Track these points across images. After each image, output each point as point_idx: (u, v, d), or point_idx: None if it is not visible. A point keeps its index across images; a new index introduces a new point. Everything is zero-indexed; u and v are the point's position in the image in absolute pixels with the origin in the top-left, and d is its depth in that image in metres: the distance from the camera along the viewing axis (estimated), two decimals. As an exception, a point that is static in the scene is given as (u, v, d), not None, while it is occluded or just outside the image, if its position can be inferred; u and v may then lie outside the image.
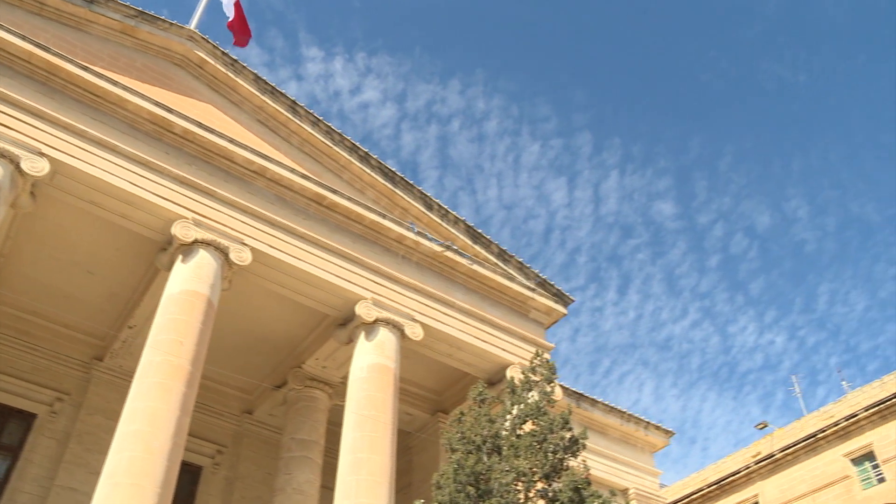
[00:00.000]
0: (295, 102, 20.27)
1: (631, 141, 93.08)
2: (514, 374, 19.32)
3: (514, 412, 14.97)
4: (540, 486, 13.88)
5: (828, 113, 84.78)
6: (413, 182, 21.41)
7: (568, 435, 14.53)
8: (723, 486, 36.97)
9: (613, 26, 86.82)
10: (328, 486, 18.37)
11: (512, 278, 22.01)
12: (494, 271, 21.67)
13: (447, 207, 21.76)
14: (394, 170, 21.26)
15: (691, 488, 38.77)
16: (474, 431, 14.28)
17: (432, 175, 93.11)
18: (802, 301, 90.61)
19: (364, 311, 18.86)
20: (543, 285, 22.72)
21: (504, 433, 14.51)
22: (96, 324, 20.25)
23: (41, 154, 15.58)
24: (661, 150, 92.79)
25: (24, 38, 16.09)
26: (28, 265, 18.86)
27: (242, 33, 22.26)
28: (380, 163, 21.09)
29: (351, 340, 19.42)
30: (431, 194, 21.67)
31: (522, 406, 14.95)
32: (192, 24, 19.69)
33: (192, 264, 16.76)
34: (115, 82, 16.99)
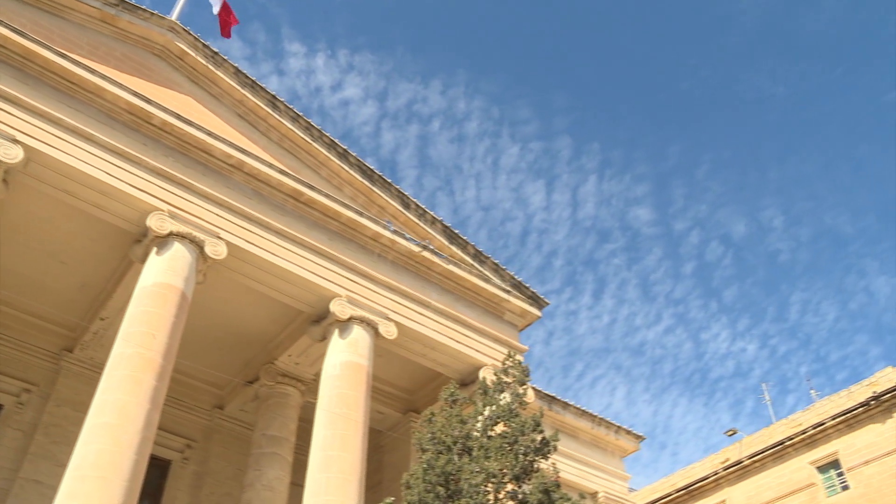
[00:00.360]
0: (275, 97, 20.19)
1: (610, 146, 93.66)
2: (486, 375, 19.36)
3: (486, 413, 15.00)
4: (510, 487, 13.91)
5: (805, 125, 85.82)
6: (391, 181, 21.45)
7: (539, 437, 14.57)
8: (691, 492, 37.32)
9: (596, 32, 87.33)
10: (298, 484, 18.30)
11: (487, 280, 22.06)
12: (470, 272, 21.72)
13: (424, 207, 21.79)
14: (372, 168, 21.25)
15: (660, 493, 39.10)
16: (445, 432, 14.29)
17: (411, 174, 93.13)
18: (775, 310, 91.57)
19: (338, 308, 18.83)
20: (518, 287, 22.80)
21: (475, 434, 14.53)
22: (67, 314, 20.03)
23: (15, 141, 15.38)
24: (640, 156, 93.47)
25: None
26: (-1, 253, 18.61)
27: (229, 23, 21.90)
28: (358, 160, 21.06)
29: (324, 338, 19.38)
30: (409, 193, 21.73)
31: (494, 407, 14.97)
32: (174, 15, 19.55)
33: (167, 257, 16.64)
34: (93, 71, 16.83)
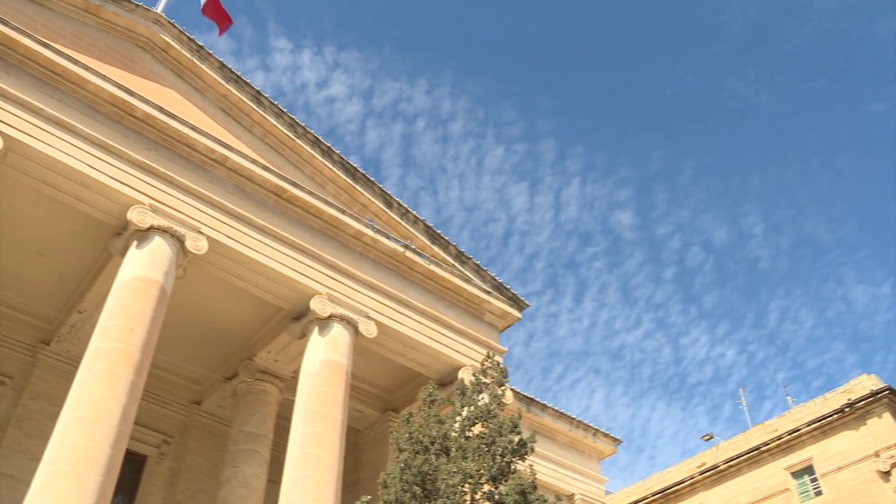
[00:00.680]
0: (260, 93, 20.10)
1: (594, 150, 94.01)
2: (465, 376, 19.39)
3: (464, 414, 15.03)
4: (487, 488, 13.95)
5: (787, 134, 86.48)
6: (374, 179, 21.41)
7: (516, 438, 14.61)
8: (667, 495, 37.54)
9: (583, 35, 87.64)
10: (275, 481, 18.24)
11: (468, 280, 22.08)
12: (451, 272, 21.72)
13: (407, 206, 21.77)
14: (355, 166, 21.21)
15: (636, 496, 39.30)
16: (423, 432, 14.30)
17: (395, 173, 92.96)
18: (754, 316, 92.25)
19: (319, 306, 18.79)
20: (499, 289, 22.83)
21: (453, 434, 14.55)
22: (44, 307, 19.85)
23: (-5, 130, 15.23)
24: (624, 161, 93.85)
25: (-17, 11, 15.74)
26: (-24, 243, 18.41)
27: (222, 20, 21.63)
28: (342, 158, 21.02)
29: (304, 335, 19.33)
30: (393, 193, 21.69)
31: (472, 408, 15.00)
32: (159, 8, 19.40)
33: (147, 251, 16.53)
34: (75, 61, 16.69)
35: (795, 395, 53.35)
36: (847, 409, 30.74)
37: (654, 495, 38.11)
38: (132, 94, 17.28)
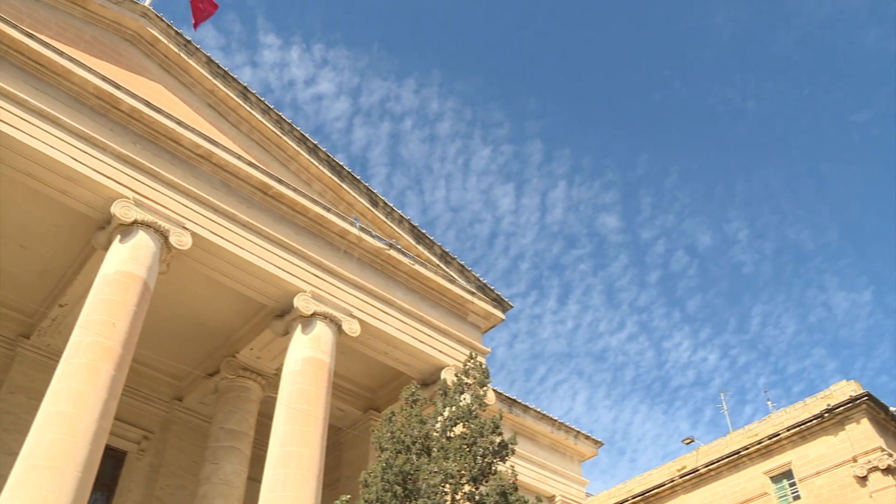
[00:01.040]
0: (247, 89, 20.02)
1: (581, 152, 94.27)
2: (447, 376, 19.39)
3: (446, 414, 15.03)
4: (467, 488, 13.96)
5: (772, 140, 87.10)
6: (360, 178, 21.38)
7: (498, 439, 14.62)
8: (647, 498, 37.63)
9: (572, 39, 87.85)
10: (255, 478, 18.20)
11: (452, 280, 22.09)
12: (436, 272, 21.73)
13: (392, 205, 21.75)
14: (342, 164, 21.16)
15: (617, 498, 39.36)
16: (404, 431, 14.29)
17: (381, 172, 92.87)
18: (736, 321, 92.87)
19: (302, 303, 18.74)
20: (483, 289, 22.86)
21: (435, 434, 14.55)
22: (25, 300, 19.68)
23: (-23, 121, 15.09)
24: (610, 164, 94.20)
25: (-33, 1, 15.59)
26: (-43, 235, 18.24)
27: (207, 6, 21.26)
28: (328, 156, 20.97)
29: (287, 332, 19.27)
30: (379, 192, 21.68)
31: (454, 408, 15.00)
32: (147, 1, 19.29)
33: (130, 245, 16.43)
34: (61, 52, 16.55)
35: (776, 399, 53.83)
36: (826, 415, 30.92)
37: (634, 498, 38.20)
38: (118, 87, 17.16)
